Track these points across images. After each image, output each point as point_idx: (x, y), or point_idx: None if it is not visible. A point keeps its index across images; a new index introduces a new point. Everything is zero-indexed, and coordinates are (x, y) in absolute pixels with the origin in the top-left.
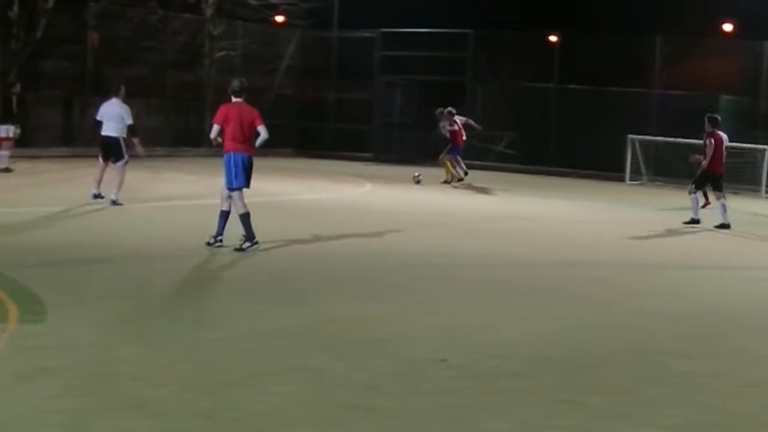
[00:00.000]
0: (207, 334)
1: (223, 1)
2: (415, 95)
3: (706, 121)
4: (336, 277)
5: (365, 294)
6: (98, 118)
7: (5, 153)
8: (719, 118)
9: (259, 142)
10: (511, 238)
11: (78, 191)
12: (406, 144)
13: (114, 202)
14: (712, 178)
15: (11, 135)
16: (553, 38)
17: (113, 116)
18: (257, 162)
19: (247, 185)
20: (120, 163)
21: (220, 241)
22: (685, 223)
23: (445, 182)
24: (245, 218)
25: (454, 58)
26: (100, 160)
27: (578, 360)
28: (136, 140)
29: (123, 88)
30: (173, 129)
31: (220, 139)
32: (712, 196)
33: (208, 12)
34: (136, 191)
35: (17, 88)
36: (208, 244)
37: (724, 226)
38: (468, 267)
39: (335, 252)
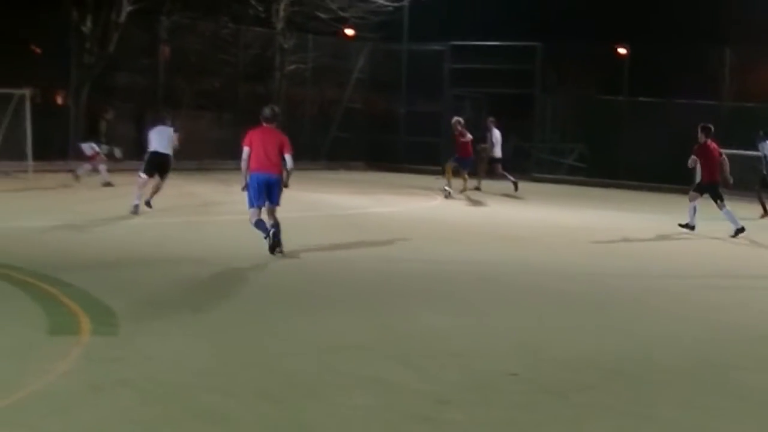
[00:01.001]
0: (278, 346)
1: (293, 15)
2: (484, 108)
3: (699, 131)
4: (406, 289)
5: (436, 306)
6: (150, 138)
7: (104, 167)
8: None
9: (287, 169)
10: (581, 251)
11: (152, 202)
12: (476, 157)
13: (148, 203)
14: (712, 188)
15: (117, 155)
16: (621, 50)
17: (166, 137)
18: (327, 175)
19: (265, 202)
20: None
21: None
22: (680, 225)
23: (463, 190)
24: (261, 222)
25: (522, 71)
26: (144, 175)
27: (650, 374)
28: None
29: (169, 117)
30: None
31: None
32: None
33: (279, 25)
34: (209, 204)
35: (110, 114)
36: (273, 252)
37: (689, 227)
38: (538, 280)
39: (406, 265)
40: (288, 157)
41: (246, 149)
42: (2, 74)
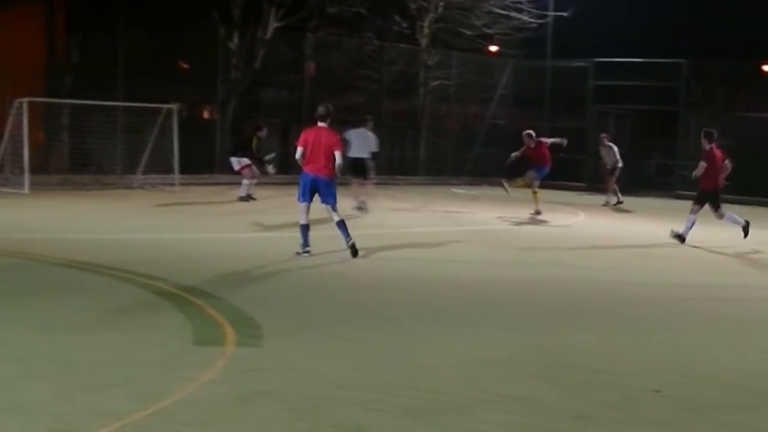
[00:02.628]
0: (420, 360)
1: (438, 32)
2: (627, 125)
3: (702, 137)
4: (548, 304)
5: (578, 322)
6: (348, 139)
7: (246, 182)
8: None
9: (336, 166)
10: (726, 269)
11: (294, 216)
12: (620, 174)
13: (360, 208)
14: (714, 195)
15: (270, 171)
16: (767, 67)
17: (362, 142)
18: (470, 190)
19: (311, 199)
20: (369, 180)
21: (308, 251)
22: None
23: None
24: (305, 228)
25: (667, 88)
26: (352, 178)
27: None
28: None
29: (371, 121)
30: (388, 157)
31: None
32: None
33: (423, 42)
34: (353, 219)
35: (264, 131)
36: (298, 253)
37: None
38: (682, 297)
39: (546, 280)
40: (338, 154)
41: (300, 149)
42: (151, 89)
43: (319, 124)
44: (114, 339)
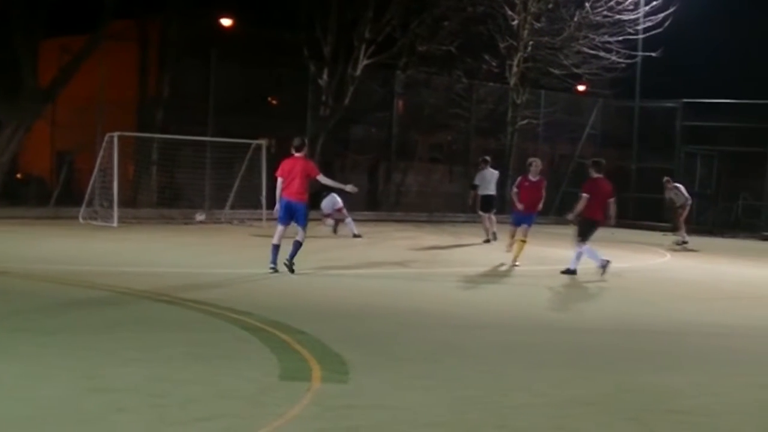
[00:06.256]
0: (511, 399)
1: (527, 71)
2: (715, 166)
3: (590, 166)
4: (638, 346)
5: (670, 364)
6: (477, 182)
7: (350, 220)
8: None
9: (329, 184)
10: None
11: (384, 253)
12: (705, 215)
13: (489, 240)
14: (590, 225)
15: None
16: None
17: (491, 180)
18: (557, 230)
19: (288, 222)
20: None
21: (274, 269)
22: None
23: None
24: (275, 248)
25: (757, 129)
26: (482, 213)
27: None
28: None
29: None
30: (475, 195)
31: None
32: None
33: (512, 81)
34: (436, 256)
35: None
36: (274, 270)
37: (570, 271)
38: None
39: (635, 321)
40: (319, 177)
41: (280, 180)
42: (241, 125)
43: (296, 154)
44: (202, 373)
